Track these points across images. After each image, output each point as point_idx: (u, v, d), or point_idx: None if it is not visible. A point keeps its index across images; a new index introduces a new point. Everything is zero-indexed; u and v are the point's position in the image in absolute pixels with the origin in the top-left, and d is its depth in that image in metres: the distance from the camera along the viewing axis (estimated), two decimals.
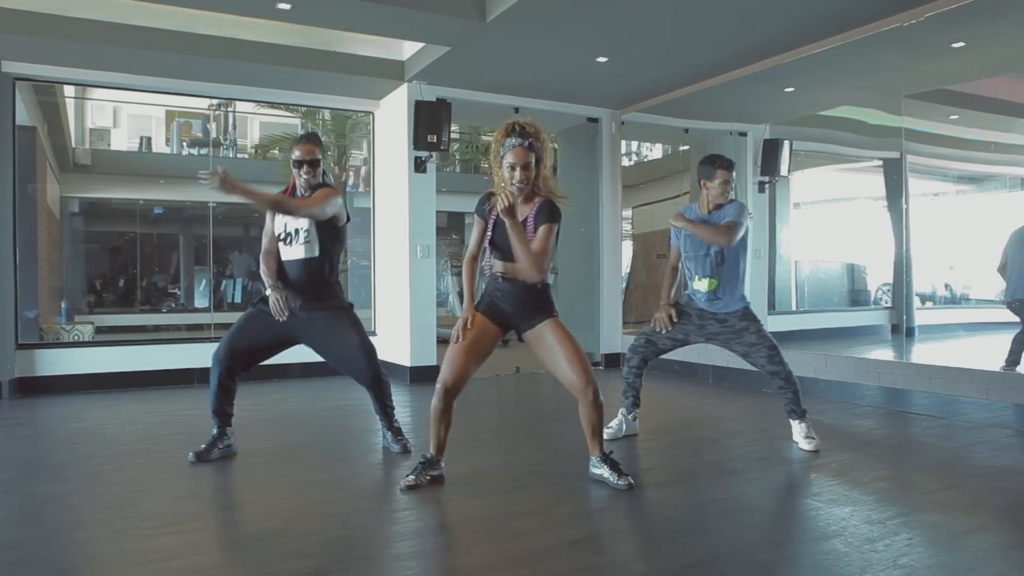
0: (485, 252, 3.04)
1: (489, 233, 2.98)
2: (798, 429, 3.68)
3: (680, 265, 3.89)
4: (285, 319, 3.45)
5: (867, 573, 2.10)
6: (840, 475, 3.18)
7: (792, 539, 2.48)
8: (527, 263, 2.84)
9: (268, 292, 3.50)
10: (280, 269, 3.53)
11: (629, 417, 3.94)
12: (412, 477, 2.96)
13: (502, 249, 2.95)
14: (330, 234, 3.49)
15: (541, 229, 2.86)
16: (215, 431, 3.51)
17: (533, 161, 2.86)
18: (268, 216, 3.58)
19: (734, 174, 3.73)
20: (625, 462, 3.09)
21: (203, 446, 3.46)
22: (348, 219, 3.56)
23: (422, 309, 6.17)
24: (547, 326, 2.96)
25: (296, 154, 3.45)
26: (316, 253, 3.47)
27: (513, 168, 2.84)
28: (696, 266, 3.73)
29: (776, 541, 2.48)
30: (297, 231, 3.47)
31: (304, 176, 3.44)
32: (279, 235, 3.53)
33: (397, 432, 3.65)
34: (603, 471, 2.99)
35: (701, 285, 3.71)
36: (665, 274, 3.96)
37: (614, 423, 3.89)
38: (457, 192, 12.65)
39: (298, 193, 3.49)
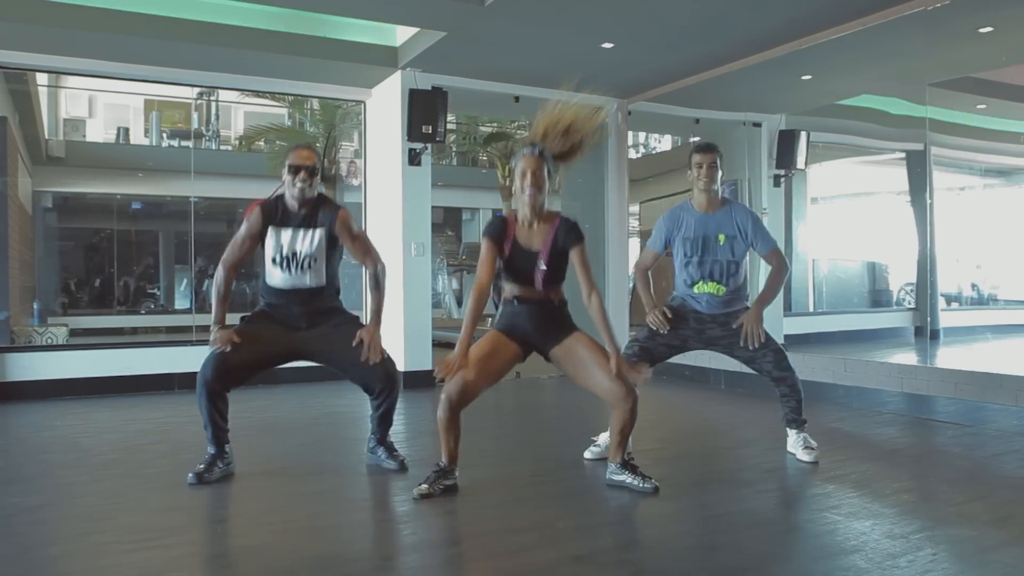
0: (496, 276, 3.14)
1: (507, 256, 3.07)
2: (795, 439, 3.64)
3: (672, 269, 3.76)
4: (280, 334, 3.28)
5: None
6: (860, 486, 3.18)
7: (809, 554, 2.48)
8: (598, 299, 3.07)
9: (211, 328, 3.24)
10: (271, 289, 3.32)
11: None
12: (425, 486, 2.97)
13: (518, 273, 3.08)
14: (335, 256, 3.39)
15: (578, 253, 3.06)
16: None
17: (545, 172, 3.05)
18: (254, 221, 3.29)
19: (717, 158, 3.61)
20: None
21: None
22: None
23: (416, 311, 6.17)
24: (575, 339, 3.09)
25: (291, 159, 3.26)
26: (323, 282, 3.32)
27: (524, 175, 3.04)
28: (701, 272, 3.62)
29: (792, 556, 2.49)
30: (299, 256, 3.27)
31: (299, 184, 3.24)
32: (273, 258, 3.27)
33: (391, 448, 3.51)
34: (624, 477, 3.09)
35: (707, 288, 3.62)
36: (638, 281, 3.81)
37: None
38: (454, 186, 12.53)
39: (288, 198, 3.29)
